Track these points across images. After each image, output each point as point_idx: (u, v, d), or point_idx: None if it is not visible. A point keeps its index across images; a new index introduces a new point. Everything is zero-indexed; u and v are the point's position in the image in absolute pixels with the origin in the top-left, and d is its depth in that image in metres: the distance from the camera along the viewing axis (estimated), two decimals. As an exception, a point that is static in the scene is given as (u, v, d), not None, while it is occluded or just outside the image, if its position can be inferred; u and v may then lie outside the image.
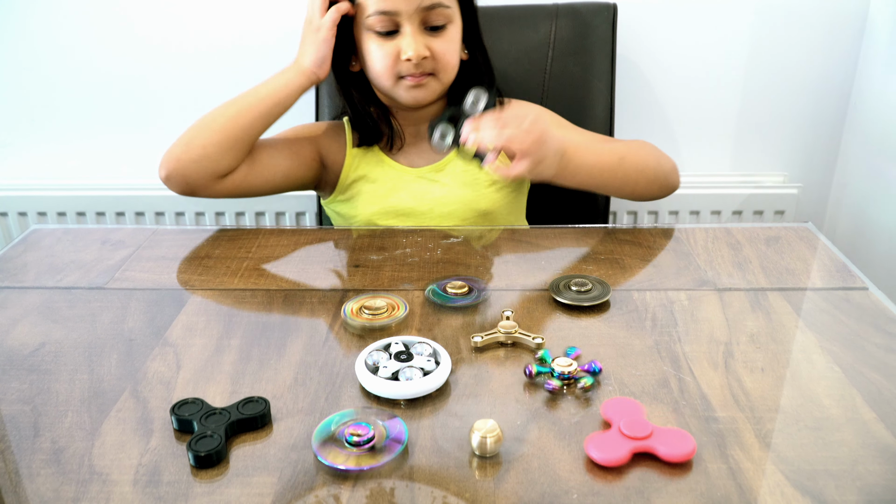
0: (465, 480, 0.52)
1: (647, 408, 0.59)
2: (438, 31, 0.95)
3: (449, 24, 0.96)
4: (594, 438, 0.55)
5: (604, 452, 0.53)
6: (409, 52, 0.93)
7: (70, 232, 0.95)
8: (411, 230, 0.94)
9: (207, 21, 1.35)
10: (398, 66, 0.95)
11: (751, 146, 1.43)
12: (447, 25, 0.96)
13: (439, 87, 0.98)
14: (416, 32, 0.94)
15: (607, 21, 1.20)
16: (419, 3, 0.93)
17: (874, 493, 0.51)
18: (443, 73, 0.97)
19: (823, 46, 1.34)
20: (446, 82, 0.99)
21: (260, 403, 0.59)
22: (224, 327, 0.72)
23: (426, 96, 0.98)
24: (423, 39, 0.94)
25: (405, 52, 0.93)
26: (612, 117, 1.22)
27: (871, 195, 1.32)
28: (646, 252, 0.87)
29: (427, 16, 0.94)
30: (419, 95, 0.97)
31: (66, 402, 0.62)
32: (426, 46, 0.94)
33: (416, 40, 0.93)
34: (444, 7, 0.94)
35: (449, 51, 0.96)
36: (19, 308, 0.77)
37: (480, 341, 0.68)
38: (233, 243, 0.90)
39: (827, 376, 0.63)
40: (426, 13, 0.94)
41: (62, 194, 1.46)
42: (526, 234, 0.94)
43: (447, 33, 0.96)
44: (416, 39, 0.93)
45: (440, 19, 0.95)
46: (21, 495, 0.52)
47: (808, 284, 0.79)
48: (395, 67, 0.95)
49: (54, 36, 1.37)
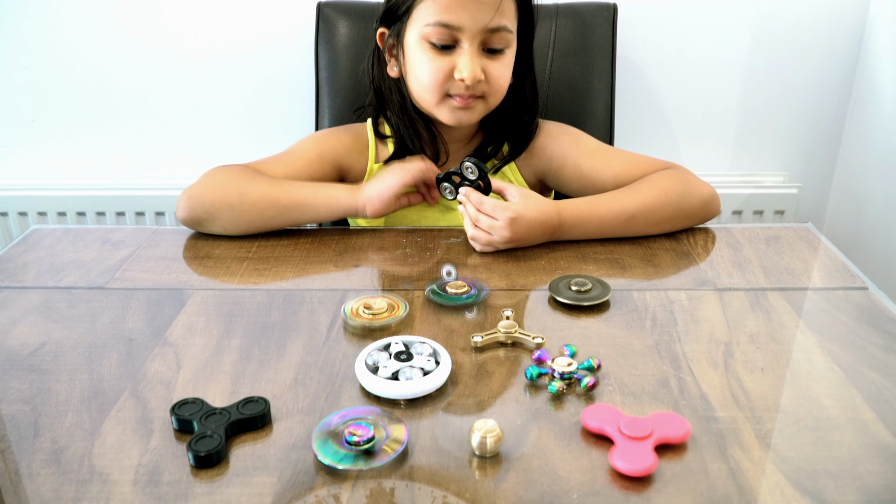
0: (465, 480, 0.52)
1: (648, 408, 0.59)
2: (496, 54, 0.90)
3: (507, 48, 0.91)
4: (617, 452, 0.54)
5: (632, 463, 0.52)
6: (465, 72, 0.88)
7: (70, 232, 0.95)
8: (411, 230, 0.94)
9: (207, 22, 1.35)
10: (448, 83, 0.90)
11: (751, 146, 1.43)
12: (505, 49, 0.91)
13: (484, 110, 0.94)
14: (476, 53, 0.88)
15: (607, 21, 1.20)
16: (486, 23, 0.87)
17: (874, 493, 0.51)
18: (492, 98, 0.93)
19: (823, 46, 1.34)
20: (492, 106, 0.94)
21: (260, 403, 0.59)
22: (224, 327, 0.72)
23: (470, 119, 0.94)
24: (479, 61, 0.89)
25: (461, 71, 0.88)
26: (612, 117, 1.22)
27: (871, 195, 1.32)
28: (646, 252, 0.87)
29: (489, 37, 0.88)
30: (463, 117, 0.93)
31: (66, 402, 0.62)
32: (482, 69, 0.89)
33: (474, 61, 0.88)
34: (507, 31, 0.89)
35: (504, 76, 0.92)
36: (19, 308, 0.77)
37: (480, 341, 0.68)
38: (233, 243, 0.90)
39: (827, 376, 0.63)
40: (489, 35, 0.88)
41: (62, 194, 1.46)
42: (526, 234, 0.94)
43: (504, 57, 0.91)
44: (473, 60, 0.88)
45: (501, 42, 0.89)
46: (21, 495, 0.52)
47: (808, 284, 0.79)
48: (444, 84, 0.90)
49: (54, 36, 1.37)
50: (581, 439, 0.56)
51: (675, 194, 0.89)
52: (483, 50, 0.89)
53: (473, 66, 0.88)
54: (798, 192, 1.43)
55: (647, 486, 0.51)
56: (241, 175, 0.91)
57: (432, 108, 0.93)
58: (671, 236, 0.91)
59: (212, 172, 0.92)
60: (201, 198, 0.89)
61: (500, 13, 0.87)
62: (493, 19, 0.87)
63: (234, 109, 1.42)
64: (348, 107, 1.18)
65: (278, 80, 1.39)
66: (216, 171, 0.92)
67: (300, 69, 1.36)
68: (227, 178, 0.91)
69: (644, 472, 0.52)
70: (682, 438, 0.55)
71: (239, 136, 1.44)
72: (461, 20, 0.86)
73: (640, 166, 0.95)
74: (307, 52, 1.29)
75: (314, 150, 1.00)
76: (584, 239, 0.89)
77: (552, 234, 0.88)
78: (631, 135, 1.39)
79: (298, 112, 1.40)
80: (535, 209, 0.85)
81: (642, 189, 0.90)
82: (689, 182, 0.91)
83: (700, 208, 0.91)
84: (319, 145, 1.01)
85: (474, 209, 0.85)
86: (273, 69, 1.38)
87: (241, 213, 0.89)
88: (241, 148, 1.44)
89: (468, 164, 0.88)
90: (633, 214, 0.88)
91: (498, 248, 0.86)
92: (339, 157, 1.01)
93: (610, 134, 1.22)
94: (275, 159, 0.98)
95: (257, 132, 1.43)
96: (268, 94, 1.40)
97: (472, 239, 0.86)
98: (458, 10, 0.86)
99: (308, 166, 0.97)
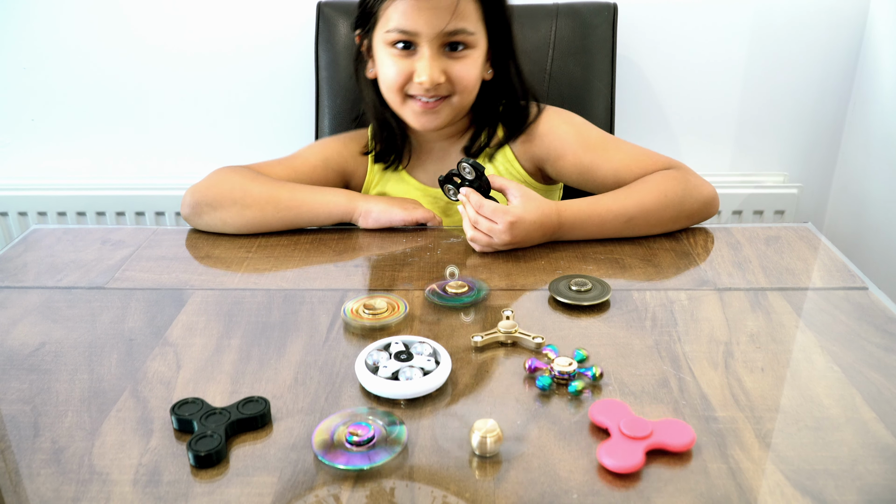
0: (465, 480, 0.52)
1: (648, 408, 0.59)
2: (459, 52, 0.91)
3: (471, 48, 0.92)
4: (605, 447, 0.54)
5: (618, 460, 0.53)
6: (422, 76, 0.89)
7: (70, 232, 0.95)
8: (411, 230, 0.94)
9: (207, 22, 1.35)
10: (409, 85, 0.92)
11: (751, 146, 1.43)
12: (468, 48, 0.92)
13: (452, 113, 0.94)
14: (434, 56, 0.90)
15: (607, 21, 1.20)
16: (442, 28, 0.88)
17: (874, 493, 0.51)
18: (459, 97, 0.93)
19: (823, 46, 1.34)
20: (463, 106, 0.95)
21: (260, 403, 0.59)
22: (224, 327, 0.72)
23: (436, 122, 0.94)
24: (440, 63, 0.90)
25: (419, 75, 0.90)
26: (613, 117, 1.22)
27: (871, 195, 1.32)
28: (646, 252, 0.87)
29: (448, 39, 0.90)
30: (427, 122, 0.94)
31: (66, 402, 0.62)
32: (443, 70, 0.90)
33: (432, 65, 0.89)
34: (467, 33, 0.90)
35: (469, 75, 0.92)
36: (19, 308, 0.77)
37: (480, 341, 0.68)
38: (233, 243, 0.90)
39: (827, 376, 0.63)
40: (447, 37, 0.90)
41: (62, 194, 1.46)
42: (526, 234, 0.94)
43: (468, 57, 0.92)
44: (431, 64, 0.89)
45: (462, 43, 0.91)
46: (21, 495, 0.52)
47: (808, 284, 0.79)
48: (405, 86, 0.92)
49: (54, 36, 1.37)
50: (581, 439, 0.56)
51: (675, 196, 0.89)
52: (445, 50, 0.91)
53: (431, 69, 0.89)
54: (798, 192, 1.42)
55: (646, 486, 0.51)
56: (245, 174, 0.93)
57: (398, 109, 0.95)
58: (671, 236, 0.91)
59: (217, 171, 0.95)
60: (206, 192, 0.91)
61: (457, 16, 0.88)
62: (449, 23, 0.88)
63: (234, 110, 1.42)
64: (348, 107, 1.18)
65: (278, 81, 1.39)
66: (222, 169, 0.95)
67: (300, 69, 1.36)
68: (232, 176, 0.93)
69: (628, 469, 0.52)
70: (685, 447, 0.54)
71: (239, 136, 1.44)
72: (417, 26, 0.88)
73: (640, 163, 0.95)
74: (307, 52, 1.29)
75: (319, 155, 1.02)
76: (583, 239, 0.89)
77: (552, 234, 0.88)
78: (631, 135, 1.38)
79: (298, 112, 1.40)
80: (535, 211, 0.85)
81: (643, 190, 0.90)
82: (690, 183, 0.91)
83: (700, 209, 0.91)
84: (325, 151, 1.03)
85: (474, 211, 0.85)
86: (273, 69, 1.38)
87: (243, 210, 0.90)
88: (241, 148, 1.44)
89: (465, 165, 0.87)
90: (632, 216, 0.88)
91: (496, 249, 0.87)
92: (343, 164, 1.02)
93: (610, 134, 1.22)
94: (280, 162, 0.99)
95: (257, 132, 1.43)
96: (268, 95, 1.40)
97: (472, 241, 0.87)
98: (413, 16, 0.88)
99: (312, 171, 0.99)
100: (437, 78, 0.90)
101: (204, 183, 0.92)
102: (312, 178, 0.99)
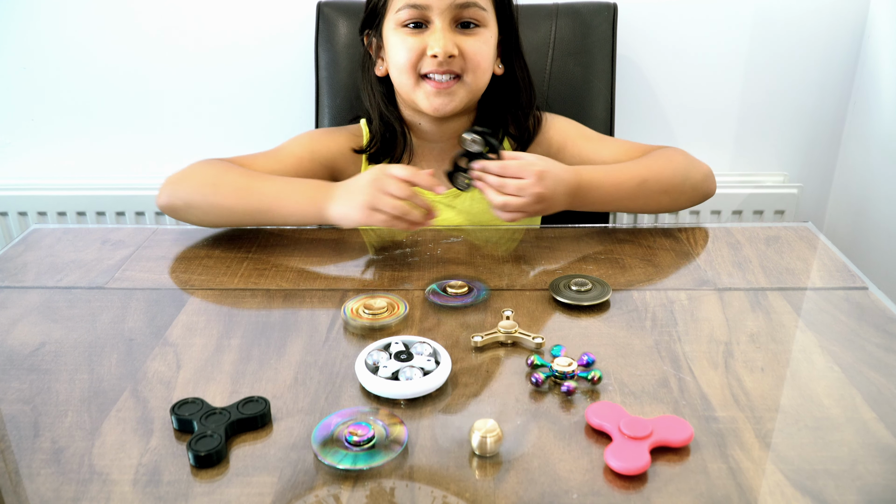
0: (465, 480, 0.52)
1: (648, 408, 0.59)
2: (471, 29, 0.91)
3: (483, 26, 0.91)
4: (611, 449, 0.54)
5: (625, 462, 0.52)
6: (435, 47, 0.88)
7: (70, 232, 0.95)
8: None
9: (208, 22, 1.35)
10: (422, 62, 0.90)
11: (751, 146, 1.43)
12: (480, 26, 0.91)
13: (466, 96, 0.93)
14: (446, 28, 0.89)
15: (607, 21, 1.20)
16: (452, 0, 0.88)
17: (874, 493, 0.51)
18: (472, 76, 0.91)
19: (823, 46, 1.34)
20: (476, 88, 0.93)
21: (260, 403, 0.59)
22: (224, 327, 0.72)
23: (449, 105, 0.92)
24: (452, 37, 0.89)
25: (432, 47, 0.88)
26: (613, 117, 1.22)
27: (871, 195, 1.32)
28: (646, 252, 0.87)
29: (460, 13, 0.90)
30: (440, 105, 0.92)
31: (66, 402, 0.62)
32: (455, 44, 0.89)
33: (445, 36, 0.88)
34: (478, 7, 0.90)
35: (480, 52, 0.91)
36: (19, 308, 0.77)
37: (480, 341, 0.68)
38: (233, 243, 0.90)
39: (827, 376, 0.63)
40: (459, 10, 0.89)
41: (62, 194, 1.46)
42: (526, 234, 0.94)
43: (480, 34, 0.91)
44: (444, 35, 0.88)
45: (474, 18, 0.90)
46: (21, 495, 0.52)
47: (808, 284, 0.79)
48: (418, 63, 0.90)
49: (55, 36, 1.37)
50: (581, 439, 0.56)
51: (681, 164, 0.93)
52: (457, 26, 0.90)
53: (445, 40, 0.88)
54: (798, 192, 1.42)
55: (647, 486, 0.51)
56: (219, 167, 0.90)
57: (410, 92, 0.93)
58: (671, 236, 0.91)
59: (195, 164, 0.92)
60: (177, 185, 0.89)
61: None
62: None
63: (234, 110, 1.42)
64: (348, 107, 1.18)
65: (278, 80, 1.39)
66: (199, 162, 0.92)
67: (300, 69, 1.36)
68: (206, 169, 0.90)
69: (636, 471, 0.52)
70: (684, 442, 0.55)
71: (239, 136, 1.44)
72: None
73: (638, 148, 0.99)
74: (307, 51, 1.29)
75: (307, 147, 0.99)
76: (599, 207, 0.91)
77: (574, 194, 0.87)
78: (631, 134, 1.39)
79: (298, 112, 1.40)
80: (558, 166, 0.86)
81: (650, 158, 0.94)
82: (690, 156, 0.95)
83: (703, 181, 0.93)
84: (313, 143, 1.00)
85: (496, 177, 0.82)
86: (273, 69, 1.38)
87: (212, 204, 0.88)
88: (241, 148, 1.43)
89: (468, 137, 0.83)
90: (645, 178, 0.90)
91: (527, 211, 0.83)
92: (332, 158, 0.99)
93: (610, 134, 1.22)
94: (265, 155, 0.97)
95: (258, 132, 1.43)
96: (268, 95, 1.40)
97: (502, 207, 0.82)
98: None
99: (298, 164, 0.96)
100: (450, 49, 0.88)
101: (177, 175, 0.90)
102: (298, 171, 0.95)
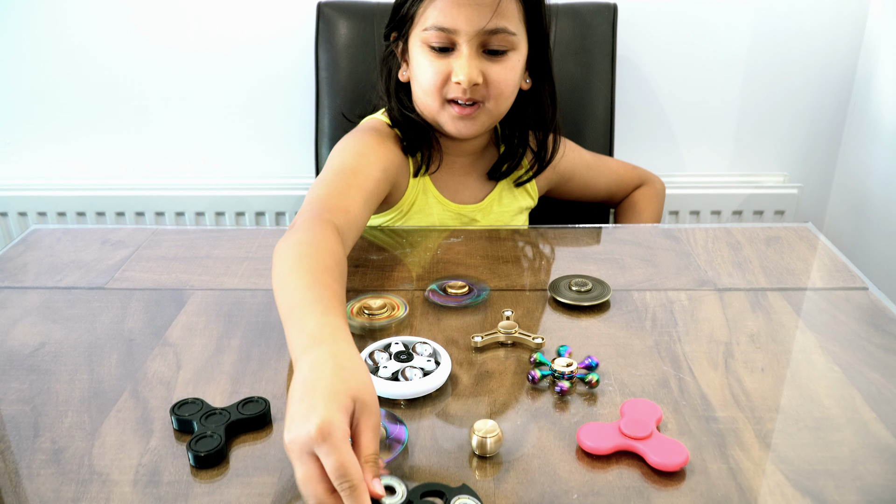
0: (465, 481, 0.52)
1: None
2: (498, 56, 0.87)
3: (511, 50, 0.88)
4: (589, 426, 0.56)
5: (592, 441, 0.54)
6: (460, 75, 0.85)
7: (70, 232, 0.95)
8: (411, 230, 0.94)
9: (208, 23, 1.35)
10: (447, 87, 0.87)
11: (751, 146, 1.43)
12: (509, 52, 0.87)
13: (489, 120, 0.90)
14: (473, 55, 0.86)
15: (607, 21, 1.20)
16: (482, 26, 0.84)
17: (874, 493, 0.51)
18: (495, 103, 0.89)
19: (823, 46, 1.34)
20: (498, 114, 0.91)
21: (260, 403, 0.59)
22: (224, 327, 0.72)
23: (472, 130, 0.90)
24: (478, 64, 0.86)
25: (457, 74, 0.86)
26: (612, 117, 1.22)
27: (872, 195, 1.32)
28: (646, 252, 0.87)
29: (488, 39, 0.86)
30: (464, 128, 0.90)
31: (66, 402, 0.62)
32: (481, 72, 0.86)
33: (471, 64, 0.85)
34: (508, 33, 0.86)
35: (506, 79, 0.88)
36: (19, 308, 0.77)
37: (480, 341, 0.68)
38: (233, 243, 0.90)
39: (827, 376, 0.63)
40: (487, 37, 0.85)
41: (62, 194, 1.46)
42: (526, 234, 0.94)
43: (507, 60, 0.88)
44: (470, 63, 0.85)
45: (501, 45, 0.86)
46: (21, 495, 0.52)
47: (808, 284, 0.79)
48: (443, 88, 0.88)
49: (55, 36, 1.37)
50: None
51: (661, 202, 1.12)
52: (484, 52, 0.87)
53: (470, 68, 0.85)
54: (798, 192, 1.42)
55: (646, 486, 0.52)
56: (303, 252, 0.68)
57: (434, 114, 0.91)
58: (671, 236, 0.91)
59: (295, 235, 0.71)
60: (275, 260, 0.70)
61: (498, 14, 0.85)
62: (490, 21, 0.84)
63: (234, 110, 1.42)
64: (348, 107, 1.18)
65: (278, 81, 1.39)
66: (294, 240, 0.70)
67: (300, 69, 1.36)
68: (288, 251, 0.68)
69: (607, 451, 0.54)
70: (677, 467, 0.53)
71: (239, 136, 1.44)
72: (456, 23, 0.84)
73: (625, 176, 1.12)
74: (307, 52, 1.29)
75: (377, 165, 0.88)
76: None
77: None
78: (631, 135, 1.39)
79: (298, 112, 1.40)
80: None
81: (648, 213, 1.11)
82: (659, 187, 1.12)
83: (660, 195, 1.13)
84: (381, 160, 0.89)
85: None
86: (273, 69, 1.38)
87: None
88: (241, 148, 1.44)
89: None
90: None
91: None
92: (396, 172, 0.93)
93: (610, 134, 1.22)
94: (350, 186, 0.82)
95: (257, 132, 1.43)
96: (268, 95, 1.40)
97: None
98: (453, 12, 0.85)
99: (377, 188, 0.86)
100: (475, 77, 0.85)
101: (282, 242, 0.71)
102: (378, 196, 0.87)
